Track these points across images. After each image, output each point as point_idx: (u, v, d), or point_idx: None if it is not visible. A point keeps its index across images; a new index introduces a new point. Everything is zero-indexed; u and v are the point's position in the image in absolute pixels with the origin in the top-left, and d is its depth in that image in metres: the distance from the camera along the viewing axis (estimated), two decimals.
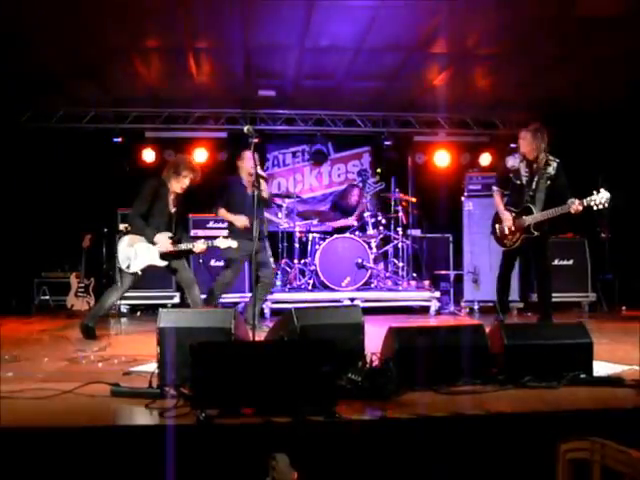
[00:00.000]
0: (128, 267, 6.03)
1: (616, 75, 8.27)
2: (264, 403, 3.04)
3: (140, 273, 6.10)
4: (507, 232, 6.38)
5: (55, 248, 9.56)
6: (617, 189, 9.03)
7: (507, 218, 6.36)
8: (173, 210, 6.20)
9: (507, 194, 6.57)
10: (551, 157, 6.25)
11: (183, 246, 6.13)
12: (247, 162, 6.69)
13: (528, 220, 6.19)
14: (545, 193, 6.21)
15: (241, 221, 6.62)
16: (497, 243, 6.60)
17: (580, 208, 5.85)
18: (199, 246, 6.14)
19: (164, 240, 6.03)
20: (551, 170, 6.20)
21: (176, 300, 8.58)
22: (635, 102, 8.99)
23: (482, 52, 7.67)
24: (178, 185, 6.14)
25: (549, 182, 6.20)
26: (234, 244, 6.29)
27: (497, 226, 6.54)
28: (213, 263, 8.70)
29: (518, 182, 6.35)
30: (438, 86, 8.94)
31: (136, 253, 6.04)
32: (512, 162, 6.43)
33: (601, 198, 5.80)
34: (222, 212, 6.79)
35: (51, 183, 9.75)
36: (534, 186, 6.23)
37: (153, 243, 6.02)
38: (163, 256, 6.09)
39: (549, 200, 6.18)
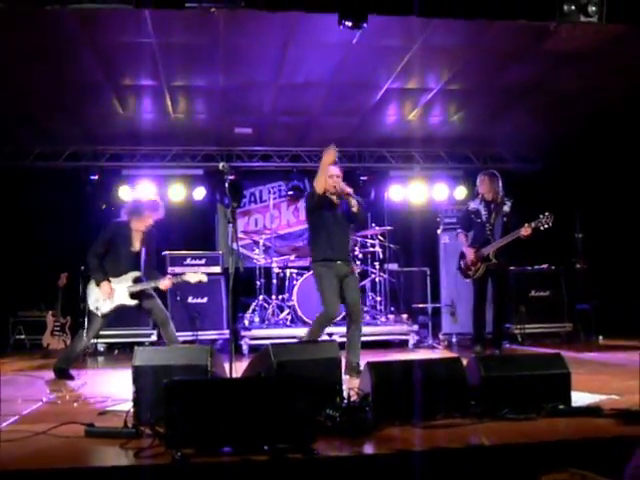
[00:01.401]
0: (97, 309, 5.87)
1: (585, 108, 8.42)
2: (241, 441, 3.00)
3: (110, 315, 5.95)
4: (470, 264, 7.14)
5: (31, 287, 9.41)
6: (593, 221, 9.24)
7: (469, 252, 7.14)
8: (138, 248, 6.05)
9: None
10: (506, 197, 7.12)
11: (146, 284, 5.97)
12: (328, 176, 5.66)
13: (487, 250, 6.96)
14: (502, 227, 7.01)
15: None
16: (463, 276, 7.37)
17: (529, 230, 6.63)
18: (164, 282, 6.03)
19: (106, 288, 5.82)
20: (506, 208, 7.07)
21: (153, 338, 8.47)
22: (606, 134, 9.15)
23: (453, 87, 7.80)
24: (142, 224, 6.03)
25: (505, 218, 7.03)
26: (204, 278, 6.13)
27: (462, 261, 7.31)
28: (190, 300, 8.62)
29: (479, 220, 7.17)
30: (412, 121, 9.07)
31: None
32: (473, 205, 7.32)
33: (545, 219, 6.56)
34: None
35: (27, 221, 9.67)
36: (492, 221, 7.06)
37: (97, 285, 5.85)
38: (133, 295, 5.95)
39: (505, 233, 6.94)
